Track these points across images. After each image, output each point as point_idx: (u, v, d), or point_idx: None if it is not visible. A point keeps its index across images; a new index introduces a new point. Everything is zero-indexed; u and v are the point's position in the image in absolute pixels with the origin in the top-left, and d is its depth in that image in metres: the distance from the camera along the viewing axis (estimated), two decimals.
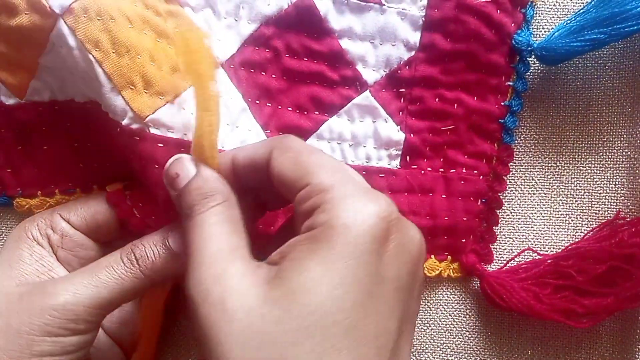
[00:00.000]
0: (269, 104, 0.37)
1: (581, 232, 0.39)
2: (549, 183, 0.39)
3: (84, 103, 0.36)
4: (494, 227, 0.39)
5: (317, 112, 0.37)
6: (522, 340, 0.39)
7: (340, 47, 0.37)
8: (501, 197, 0.39)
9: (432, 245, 0.38)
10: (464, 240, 0.38)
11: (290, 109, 0.37)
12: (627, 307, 0.36)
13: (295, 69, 0.37)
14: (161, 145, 0.32)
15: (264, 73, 0.36)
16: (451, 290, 0.39)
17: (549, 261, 0.38)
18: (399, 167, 0.38)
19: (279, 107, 0.37)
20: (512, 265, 0.39)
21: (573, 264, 0.37)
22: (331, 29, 0.36)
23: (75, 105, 0.36)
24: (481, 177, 0.38)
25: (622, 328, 0.39)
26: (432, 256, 0.38)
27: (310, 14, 0.36)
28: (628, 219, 0.38)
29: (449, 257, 0.38)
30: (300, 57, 0.36)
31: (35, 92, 0.36)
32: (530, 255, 0.39)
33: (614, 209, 0.39)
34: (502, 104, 0.38)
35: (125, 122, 0.32)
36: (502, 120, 0.38)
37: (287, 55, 0.36)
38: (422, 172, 0.38)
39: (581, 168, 0.39)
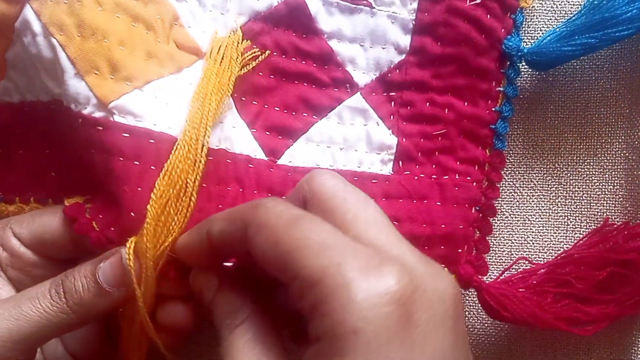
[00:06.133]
0: (255, 102, 0.33)
1: (580, 234, 0.37)
2: (548, 185, 0.37)
3: (48, 103, 0.31)
4: (487, 237, 0.35)
5: (306, 114, 0.34)
6: (521, 342, 0.37)
7: (330, 49, 0.33)
8: (498, 202, 0.36)
9: (430, 255, 0.34)
10: (459, 250, 0.34)
11: (277, 108, 0.33)
12: (629, 313, 0.34)
13: (284, 67, 0.33)
14: (127, 135, 0.28)
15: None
16: None
17: (541, 270, 0.35)
18: (391, 172, 0.34)
19: (265, 106, 0.33)
20: (507, 275, 0.35)
21: (570, 271, 0.34)
22: (320, 29, 0.33)
23: (41, 107, 0.32)
24: (474, 183, 0.35)
25: (620, 329, 0.37)
26: None
27: (300, 13, 0.33)
28: (616, 225, 0.36)
29: (445, 269, 0.35)
30: (288, 56, 0.33)
31: (6, 92, 0.32)
32: (523, 264, 0.36)
33: (613, 211, 0.37)
34: (493, 109, 0.35)
35: (87, 110, 0.28)
36: (493, 126, 0.35)
37: (275, 53, 0.33)
38: (416, 177, 0.34)
39: (580, 170, 0.37)
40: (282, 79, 0.33)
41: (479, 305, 0.35)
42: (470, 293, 0.36)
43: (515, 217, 0.37)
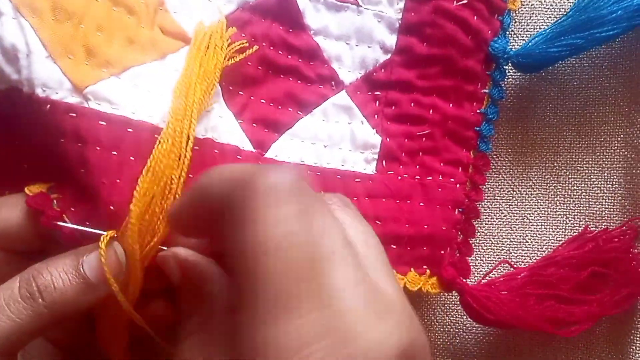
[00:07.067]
0: (242, 92, 0.32)
1: (578, 232, 0.36)
2: (547, 184, 0.37)
3: (6, 91, 0.28)
4: (469, 239, 0.35)
5: (291, 109, 0.33)
6: (520, 340, 0.36)
7: (316, 45, 0.33)
8: (496, 201, 0.36)
9: (412, 256, 0.33)
10: (442, 252, 0.34)
11: (263, 101, 0.32)
12: (611, 312, 0.34)
13: (272, 59, 0.32)
14: (103, 123, 0.26)
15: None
16: None
17: (523, 273, 0.34)
18: (375, 172, 0.34)
19: (251, 97, 0.32)
20: (489, 278, 0.35)
21: (552, 273, 0.34)
22: (307, 25, 0.32)
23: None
24: (458, 185, 0.35)
25: (618, 329, 0.36)
26: (412, 269, 0.33)
27: (289, 6, 0.32)
28: (595, 232, 0.36)
29: (428, 270, 0.34)
30: (276, 49, 0.32)
31: None
32: (505, 268, 0.36)
33: (612, 209, 0.36)
34: (478, 111, 0.35)
35: (59, 95, 0.26)
36: (478, 128, 0.35)
37: (263, 44, 0.32)
38: (399, 177, 0.34)
39: (578, 168, 0.37)
40: (269, 71, 0.32)
41: None
42: None
43: (514, 216, 0.37)
